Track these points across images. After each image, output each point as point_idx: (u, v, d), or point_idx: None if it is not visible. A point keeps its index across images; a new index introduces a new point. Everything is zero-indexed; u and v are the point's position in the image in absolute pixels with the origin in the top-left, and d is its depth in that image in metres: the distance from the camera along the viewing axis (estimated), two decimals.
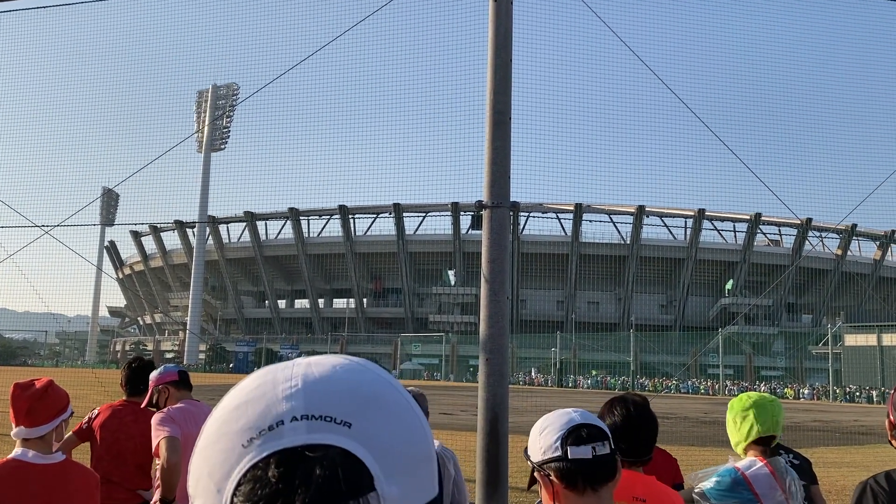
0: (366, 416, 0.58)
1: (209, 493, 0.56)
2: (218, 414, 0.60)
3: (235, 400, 0.60)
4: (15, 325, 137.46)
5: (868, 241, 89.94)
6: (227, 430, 0.58)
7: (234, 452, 0.56)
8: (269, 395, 0.58)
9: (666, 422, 26.18)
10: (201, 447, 0.59)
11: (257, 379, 0.62)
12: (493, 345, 4.74)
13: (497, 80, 5.23)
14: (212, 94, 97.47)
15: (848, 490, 11.42)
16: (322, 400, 0.58)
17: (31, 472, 2.62)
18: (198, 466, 0.58)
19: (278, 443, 0.55)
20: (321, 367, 0.61)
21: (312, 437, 0.55)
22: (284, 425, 0.56)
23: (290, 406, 0.57)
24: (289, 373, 0.60)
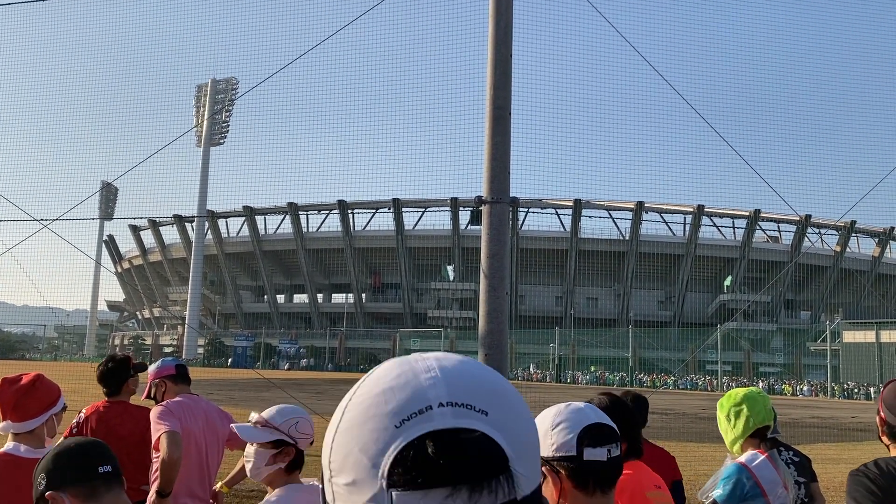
0: (498, 406, 0.67)
1: (361, 467, 0.64)
2: (361, 399, 0.68)
3: (378, 386, 0.68)
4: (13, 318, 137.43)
5: (867, 238, 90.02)
6: (376, 413, 0.66)
7: (387, 432, 0.64)
8: (413, 383, 0.67)
9: (664, 418, 26.20)
10: (346, 427, 0.67)
11: (395, 368, 0.70)
12: (491, 340, 4.74)
13: (497, 76, 5.22)
14: (211, 88, 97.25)
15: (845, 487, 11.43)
16: (462, 389, 0.67)
17: (20, 466, 2.62)
18: (345, 444, 0.66)
19: (429, 425, 0.63)
20: (451, 361, 0.71)
21: (458, 421, 0.64)
22: (433, 410, 0.64)
23: (435, 393, 0.66)
24: (425, 364, 0.69)
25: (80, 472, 1.91)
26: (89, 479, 1.91)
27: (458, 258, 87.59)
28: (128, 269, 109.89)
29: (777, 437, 4.48)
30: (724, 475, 3.34)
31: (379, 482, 0.62)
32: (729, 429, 3.49)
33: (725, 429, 3.50)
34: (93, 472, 1.92)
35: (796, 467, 4.42)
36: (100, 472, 1.93)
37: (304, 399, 24.34)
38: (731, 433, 3.48)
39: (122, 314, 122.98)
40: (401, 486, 0.61)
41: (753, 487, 3.26)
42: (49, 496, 1.90)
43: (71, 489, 1.89)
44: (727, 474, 3.32)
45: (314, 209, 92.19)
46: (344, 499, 0.66)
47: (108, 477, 1.94)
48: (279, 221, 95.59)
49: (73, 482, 1.90)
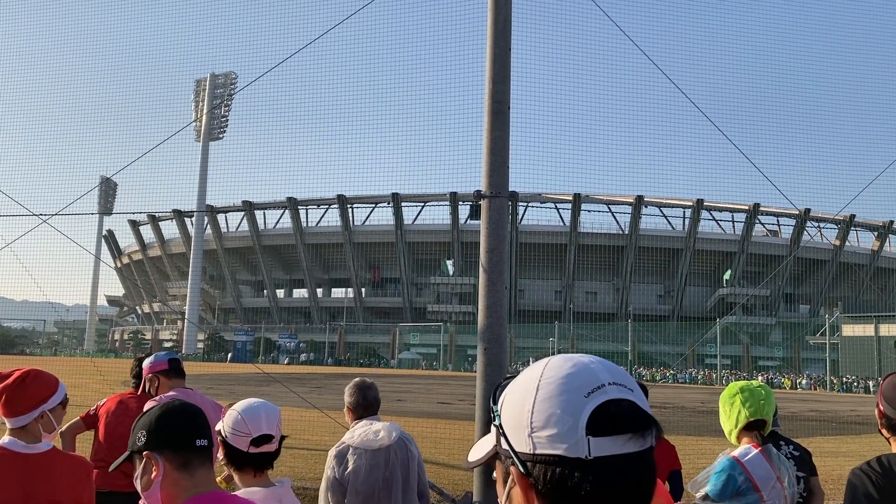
0: (635, 387, 0.96)
1: (564, 422, 0.90)
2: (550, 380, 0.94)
3: (562, 372, 0.95)
4: (13, 313, 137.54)
5: (866, 232, 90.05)
6: (567, 388, 0.92)
7: (580, 400, 0.91)
8: (587, 369, 0.95)
9: (663, 411, 26.23)
10: (543, 398, 0.93)
11: (568, 361, 0.97)
12: (491, 334, 4.74)
13: (496, 70, 5.20)
14: (210, 82, 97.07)
15: (845, 480, 11.46)
16: (615, 374, 0.95)
17: (13, 461, 2.62)
18: (547, 409, 0.92)
19: (606, 395, 0.91)
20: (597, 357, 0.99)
21: (622, 394, 0.93)
22: (606, 386, 0.92)
23: (605, 376, 0.94)
24: (587, 359, 0.98)
25: (179, 440, 1.91)
26: (186, 449, 1.91)
27: (458, 253, 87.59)
28: (127, 264, 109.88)
29: (777, 430, 4.48)
30: (716, 469, 3.34)
31: (580, 431, 0.89)
32: (725, 419, 3.51)
33: (723, 419, 3.54)
34: (190, 443, 1.92)
35: (796, 461, 4.41)
36: (196, 444, 1.93)
37: (304, 393, 24.34)
38: (727, 423, 3.51)
39: (121, 309, 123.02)
40: (595, 435, 0.89)
41: (746, 482, 3.26)
42: (146, 455, 1.91)
43: (167, 453, 1.90)
44: (720, 468, 3.32)
45: (313, 204, 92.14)
46: (546, 446, 0.90)
47: (202, 451, 1.94)
48: (278, 216, 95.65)
49: (171, 447, 1.90)
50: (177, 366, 4.53)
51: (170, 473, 1.89)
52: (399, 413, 21.31)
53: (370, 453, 3.73)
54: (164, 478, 1.89)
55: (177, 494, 1.89)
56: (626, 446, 0.90)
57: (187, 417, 1.97)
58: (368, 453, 3.73)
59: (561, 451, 0.89)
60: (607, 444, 0.89)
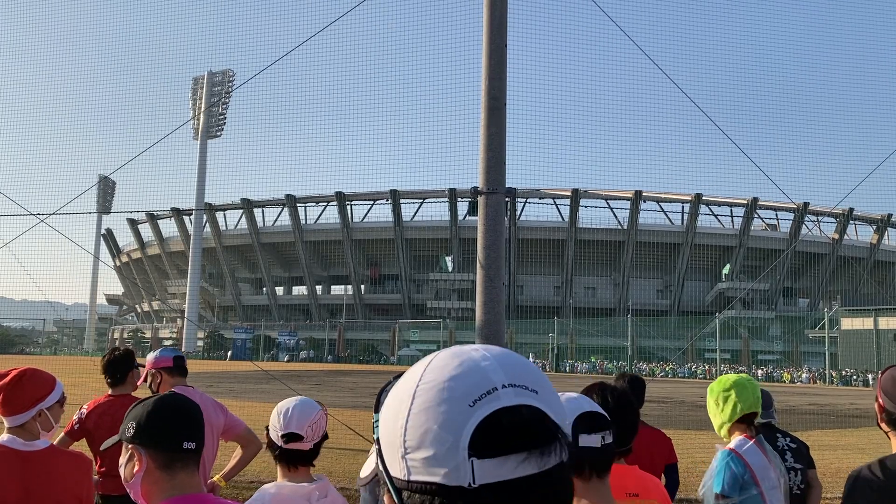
0: (541, 386, 0.78)
1: (441, 441, 0.73)
2: (430, 385, 0.77)
3: (445, 374, 0.78)
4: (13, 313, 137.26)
5: (865, 225, 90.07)
6: (449, 396, 0.75)
7: (463, 411, 0.73)
8: (476, 370, 0.77)
9: (662, 406, 26.27)
10: (420, 409, 0.75)
11: (455, 359, 0.80)
12: (489, 330, 4.75)
13: (492, 66, 5.20)
14: (207, 80, 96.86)
15: (843, 473, 11.49)
16: (515, 373, 0.78)
17: (11, 459, 2.64)
18: (422, 423, 0.74)
19: (498, 403, 0.74)
20: (496, 350, 0.82)
21: (519, 399, 0.75)
22: (498, 391, 0.75)
23: (498, 377, 0.76)
24: (480, 354, 0.80)
25: (165, 440, 1.91)
26: (170, 450, 1.90)
27: (457, 249, 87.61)
28: (126, 263, 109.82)
29: (773, 422, 4.50)
30: (718, 466, 3.36)
31: (461, 453, 0.71)
32: (717, 413, 3.53)
33: (714, 413, 3.55)
34: (176, 445, 1.91)
35: (793, 454, 4.43)
36: (183, 447, 1.92)
37: (304, 390, 24.37)
38: (718, 417, 3.53)
39: (121, 308, 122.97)
40: (480, 456, 0.71)
41: (746, 473, 3.30)
42: (132, 448, 1.91)
43: (152, 451, 1.90)
44: (721, 464, 3.34)
45: (312, 201, 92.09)
46: (421, 471, 0.73)
47: (187, 454, 1.93)
48: (277, 214, 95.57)
49: (156, 446, 1.90)
50: (181, 363, 4.50)
51: (152, 471, 1.89)
52: None
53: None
54: (145, 474, 1.89)
55: (155, 493, 1.89)
56: (521, 469, 0.71)
57: (179, 417, 1.96)
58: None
59: (439, 479, 0.72)
60: (496, 467, 0.71)
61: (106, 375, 4.64)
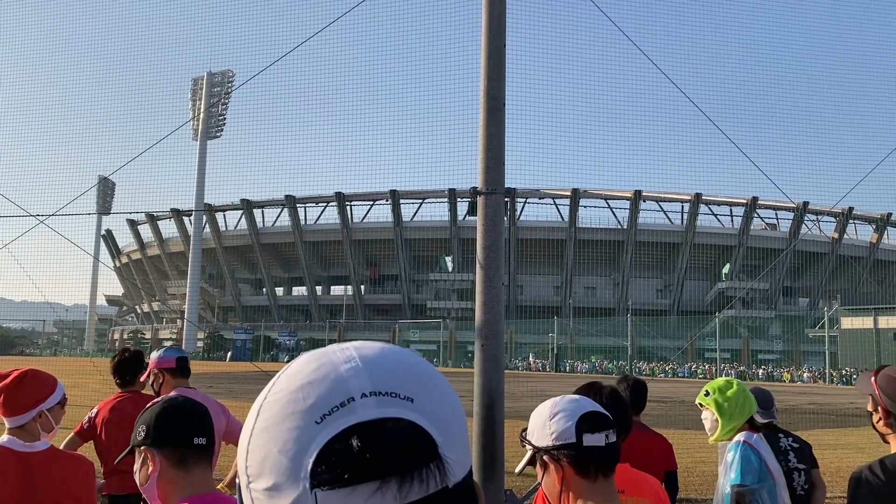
0: (424, 391, 0.64)
1: (281, 468, 0.59)
2: (277, 397, 0.63)
3: (295, 382, 0.63)
4: (13, 314, 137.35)
5: (864, 224, 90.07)
6: (294, 410, 0.61)
7: (308, 429, 0.59)
8: (332, 375, 0.62)
9: (662, 406, 26.29)
10: (262, 428, 0.62)
11: (313, 362, 0.65)
12: (488, 331, 4.75)
13: (491, 66, 5.20)
14: (207, 81, 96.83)
15: (843, 472, 11.50)
16: (385, 378, 0.63)
17: (11, 459, 2.65)
18: (262, 445, 0.61)
19: (352, 417, 0.59)
20: (372, 349, 0.67)
21: (383, 410, 0.60)
22: (355, 401, 0.60)
23: (357, 384, 0.61)
24: (344, 355, 0.65)
25: (176, 438, 1.92)
26: (183, 447, 1.92)
27: (457, 249, 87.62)
28: (126, 264, 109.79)
29: (775, 422, 4.48)
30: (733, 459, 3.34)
31: (301, 483, 0.58)
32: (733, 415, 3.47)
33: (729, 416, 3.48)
34: (188, 441, 1.93)
35: (796, 454, 4.41)
36: (194, 443, 1.93)
37: None
38: (735, 419, 3.48)
39: (121, 309, 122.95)
40: (326, 485, 0.57)
41: (760, 461, 3.30)
42: (143, 450, 1.92)
43: (164, 450, 1.91)
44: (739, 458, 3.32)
45: (312, 201, 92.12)
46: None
47: (200, 449, 1.95)
48: (277, 214, 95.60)
49: (168, 444, 1.91)
50: (184, 365, 4.48)
51: (166, 470, 1.90)
52: None
53: None
54: (160, 474, 1.90)
55: (172, 491, 1.90)
56: (374, 501, 0.56)
57: (187, 415, 1.98)
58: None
59: None
60: (342, 499, 0.57)
61: (115, 376, 4.66)
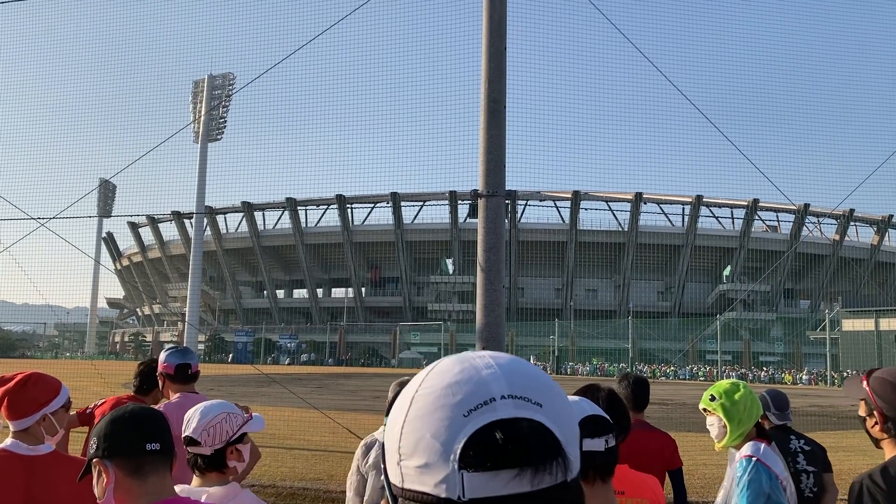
0: (549, 398, 0.75)
1: (433, 450, 0.71)
2: (428, 391, 0.75)
3: (444, 380, 0.75)
4: (14, 317, 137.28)
5: (865, 227, 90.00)
6: (445, 403, 0.72)
7: (456, 420, 0.71)
8: (476, 378, 0.74)
9: (664, 408, 26.26)
10: (415, 416, 0.74)
11: (457, 365, 0.77)
12: (489, 333, 4.75)
13: (491, 69, 5.21)
14: (207, 83, 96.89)
15: (844, 474, 11.47)
16: (519, 384, 0.74)
17: (15, 463, 2.65)
18: (416, 430, 0.73)
19: (494, 414, 0.71)
20: (505, 359, 0.78)
21: (519, 411, 0.71)
22: (496, 401, 0.72)
23: (497, 387, 0.73)
24: (484, 362, 0.77)
25: (127, 446, 1.88)
26: (136, 454, 1.87)
27: (457, 251, 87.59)
28: (127, 267, 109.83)
29: (789, 424, 4.42)
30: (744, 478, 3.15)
31: (451, 464, 0.69)
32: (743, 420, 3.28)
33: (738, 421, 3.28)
34: (139, 448, 1.88)
35: (806, 456, 4.34)
36: (147, 449, 1.88)
37: (305, 394, 24.34)
38: (745, 424, 3.29)
39: (122, 311, 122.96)
40: (471, 468, 0.68)
41: (774, 481, 3.12)
42: (96, 462, 1.87)
43: (117, 460, 1.86)
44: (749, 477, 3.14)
45: (312, 204, 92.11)
46: (414, 480, 0.72)
47: (155, 455, 1.89)
48: (278, 217, 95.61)
49: (120, 453, 1.87)
50: (183, 373, 4.39)
51: (122, 481, 1.85)
52: None
53: None
54: (116, 486, 1.85)
55: (128, 501, 1.85)
56: (513, 486, 0.69)
57: (136, 422, 1.93)
58: None
59: (429, 489, 0.71)
60: (485, 481, 0.69)
61: (136, 381, 4.73)
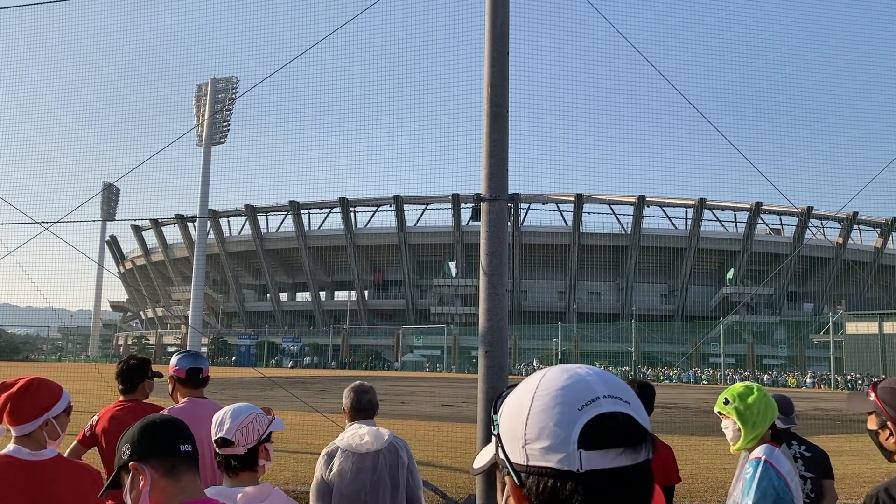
0: (632, 398, 0.97)
1: (557, 435, 0.91)
2: (545, 392, 0.96)
3: (557, 384, 0.96)
4: (17, 320, 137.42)
5: (869, 230, 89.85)
6: (562, 401, 0.94)
7: (573, 413, 0.92)
8: (582, 382, 0.96)
9: (667, 411, 26.22)
10: (538, 410, 0.95)
11: (565, 372, 0.99)
12: (492, 337, 4.75)
13: (494, 73, 5.22)
14: (211, 87, 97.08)
15: (849, 479, 11.45)
16: (612, 386, 0.97)
17: (18, 469, 2.65)
18: (540, 421, 0.94)
19: (600, 408, 0.93)
20: (596, 369, 1.01)
21: (617, 406, 0.93)
22: (601, 399, 0.94)
23: (600, 388, 0.95)
24: (584, 370, 0.99)
25: (163, 447, 1.95)
26: (170, 455, 1.94)
27: (460, 254, 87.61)
28: (130, 270, 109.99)
29: (792, 429, 4.37)
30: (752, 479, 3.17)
31: (571, 445, 0.90)
32: (756, 423, 3.28)
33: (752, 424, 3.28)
34: (174, 449, 1.95)
35: (805, 462, 4.30)
36: (181, 450, 1.96)
37: (308, 397, 24.35)
38: (758, 428, 3.28)
39: (125, 314, 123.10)
40: (587, 447, 0.90)
41: (781, 482, 3.13)
42: (132, 466, 1.92)
43: (153, 462, 1.92)
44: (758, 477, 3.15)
45: (316, 207, 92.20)
46: (539, 458, 0.92)
47: (187, 456, 1.97)
48: (281, 220, 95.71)
49: (155, 455, 1.93)
50: (195, 376, 4.47)
51: (157, 481, 1.91)
52: (403, 415, 21.31)
53: (357, 456, 3.72)
54: (151, 487, 1.90)
55: (165, 502, 1.91)
56: (618, 460, 0.91)
57: (168, 426, 2.01)
58: (356, 456, 3.72)
59: (553, 464, 0.91)
60: (599, 457, 0.90)
61: (119, 382, 4.68)
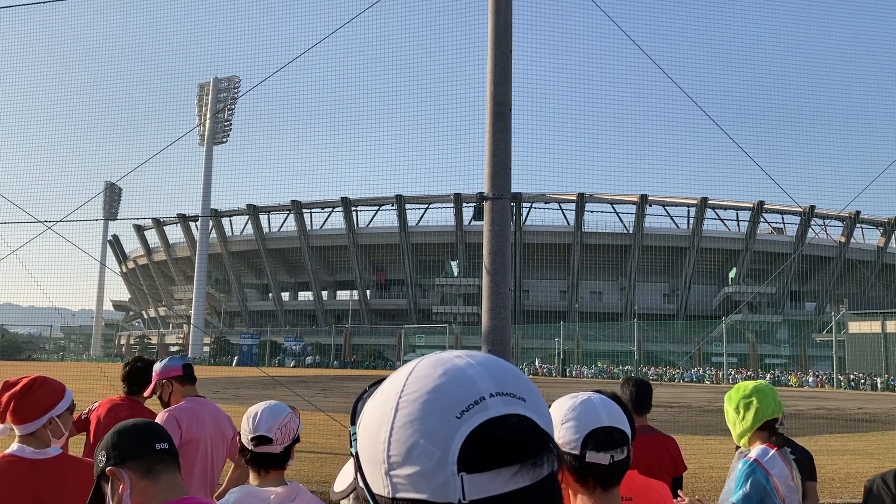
0: (529, 393, 0.76)
1: (430, 456, 0.69)
2: (413, 396, 0.73)
3: (427, 384, 0.73)
4: (20, 319, 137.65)
5: (871, 229, 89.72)
6: (435, 407, 0.71)
7: (450, 423, 0.69)
8: (462, 378, 0.73)
9: (669, 411, 26.20)
10: (404, 423, 0.71)
11: (438, 367, 0.76)
12: (494, 336, 4.74)
13: (497, 72, 5.21)
14: (213, 87, 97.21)
15: (851, 478, 11.44)
16: (503, 381, 0.74)
17: (23, 468, 2.66)
18: (408, 437, 0.70)
19: (486, 413, 0.70)
20: (482, 356, 0.79)
21: (508, 408, 0.71)
22: (486, 400, 0.71)
23: (485, 386, 0.73)
24: (464, 361, 0.77)
25: (137, 448, 1.94)
26: (146, 455, 1.94)
27: (462, 254, 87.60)
28: (132, 269, 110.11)
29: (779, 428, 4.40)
30: (741, 477, 3.22)
31: (449, 468, 0.68)
32: (738, 421, 3.40)
33: (734, 420, 3.42)
34: (149, 448, 1.95)
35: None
36: (157, 448, 1.96)
37: (310, 396, 24.36)
38: (739, 425, 3.39)
39: (127, 314, 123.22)
40: (470, 469, 0.68)
41: (769, 483, 3.17)
42: (109, 471, 1.92)
43: (129, 464, 1.92)
44: (745, 475, 3.21)
45: (318, 207, 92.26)
46: (408, 488, 0.70)
47: (164, 454, 1.97)
48: (283, 219, 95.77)
49: (131, 458, 1.93)
50: (190, 372, 4.38)
51: (136, 483, 1.90)
52: None
53: None
54: (131, 490, 1.89)
55: (145, 503, 1.90)
56: (514, 481, 0.68)
57: (140, 427, 2.02)
58: None
59: (426, 496, 0.69)
60: (487, 481, 0.68)
61: (125, 384, 4.67)
